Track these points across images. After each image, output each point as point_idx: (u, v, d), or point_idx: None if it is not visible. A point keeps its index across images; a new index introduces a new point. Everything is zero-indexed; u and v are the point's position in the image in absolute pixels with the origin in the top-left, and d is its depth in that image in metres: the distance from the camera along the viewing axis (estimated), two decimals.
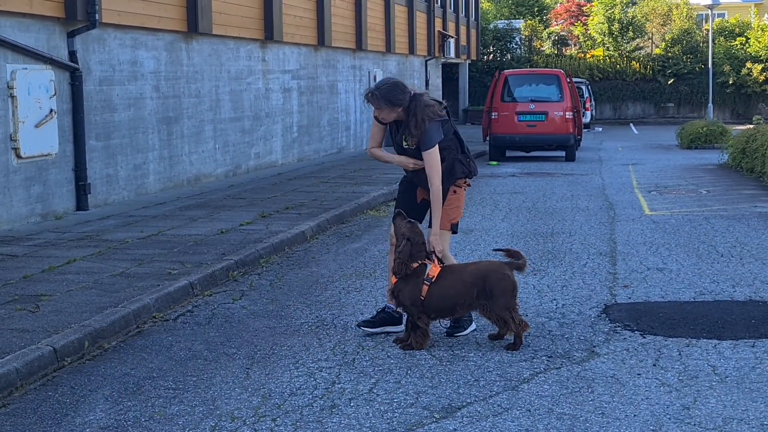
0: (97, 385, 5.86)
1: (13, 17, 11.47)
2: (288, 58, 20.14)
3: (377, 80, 25.74)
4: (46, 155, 12.04)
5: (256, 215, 12.13)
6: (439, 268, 6.63)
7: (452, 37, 36.16)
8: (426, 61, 32.99)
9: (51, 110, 12.07)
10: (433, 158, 6.76)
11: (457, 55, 37.93)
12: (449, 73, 41.21)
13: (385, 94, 6.76)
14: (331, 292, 8.35)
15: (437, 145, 6.77)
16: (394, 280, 6.67)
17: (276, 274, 9.14)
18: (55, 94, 12.15)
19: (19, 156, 11.51)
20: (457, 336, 6.85)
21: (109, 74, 13.53)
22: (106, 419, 5.27)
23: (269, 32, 18.60)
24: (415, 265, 6.57)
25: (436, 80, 35.25)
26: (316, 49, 21.69)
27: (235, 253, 9.46)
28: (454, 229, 7.03)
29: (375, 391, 5.71)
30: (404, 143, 6.90)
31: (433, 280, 6.54)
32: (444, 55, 34.98)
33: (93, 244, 10.08)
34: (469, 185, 7.13)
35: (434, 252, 6.71)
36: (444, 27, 35.53)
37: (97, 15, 12.59)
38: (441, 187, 6.77)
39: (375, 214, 13.19)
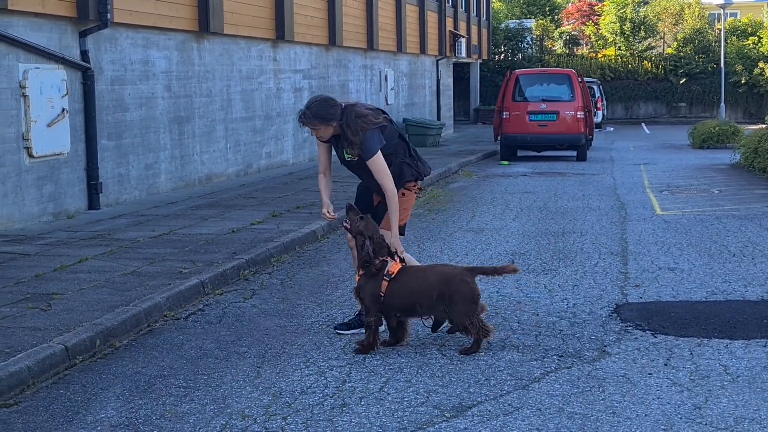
0: (109, 383, 5.88)
1: (26, 17, 11.51)
2: (299, 57, 20.15)
3: (387, 80, 25.86)
4: (58, 154, 12.07)
5: (267, 214, 12.14)
6: (400, 266, 6.62)
7: (463, 36, 36.12)
8: (437, 60, 32.97)
9: (63, 109, 12.10)
10: (378, 165, 6.75)
11: (468, 55, 37.89)
12: (460, 72, 41.18)
13: (316, 112, 6.76)
14: (342, 292, 8.35)
15: (379, 152, 6.74)
16: (357, 278, 6.67)
17: (287, 273, 9.15)
18: (67, 93, 12.19)
19: (31, 155, 11.55)
20: (439, 331, 6.89)
21: (120, 74, 13.57)
22: (117, 417, 5.29)
23: (280, 32, 18.62)
24: (377, 261, 6.56)
25: (447, 80, 35.23)
26: (327, 49, 21.70)
27: (246, 252, 9.47)
28: (401, 231, 6.99)
29: (385, 390, 5.71)
30: (346, 156, 6.87)
31: (393, 276, 6.52)
32: (455, 55, 34.95)
33: (104, 243, 10.10)
34: (420, 188, 7.15)
35: (396, 252, 6.71)
36: (455, 26, 35.50)
37: (108, 15, 12.62)
38: (395, 189, 6.75)
39: None
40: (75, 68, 12.45)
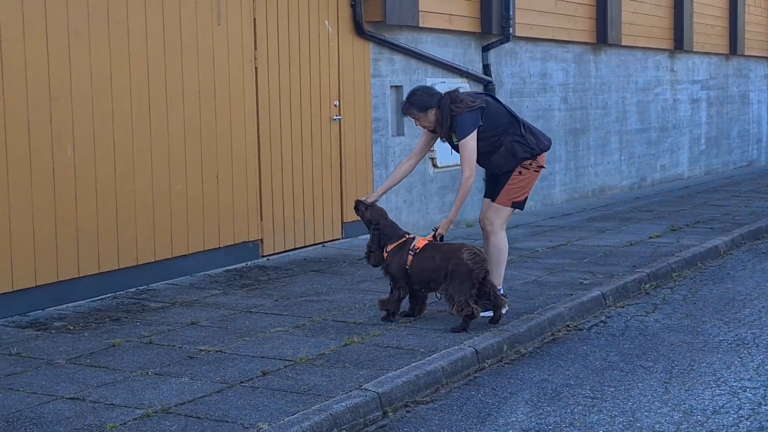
0: (517, 388, 6.00)
1: (434, 33, 12.07)
2: (697, 67, 19.54)
3: None
4: (458, 165, 12.48)
5: (665, 228, 11.86)
6: (425, 242, 7.03)
7: None
8: None
9: None
10: (465, 148, 7.07)
11: None
12: None
13: (413, 101, 7.19)
14: (750, 311, 7.98)
15: (472, 135, 7.01)
16: (385, 255, 7.10)
17: (689, 289, 8.88)
18: None
19: (435, 166, 12.09)
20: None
21: (519, 86, 13.84)
22: (527, 422, 5.38)
23: (678, 42, 18.15)
24: (402, 240, 7.08)
25: None
26: (726, 58, 20.87)
27: (646, 266, 9.30)
28: (518, 206, 7.36)
29: None
30: (454, 141, 7.19)
31: (418, 251, 6.97)
32: None
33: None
34: (542, 166, 7.31)
35: (436, 231, 7.08)
36: None
37: (510, 29, 12.92)
38: (471, 179, 7.05)
39: None
40: (477, 81, 12.87)
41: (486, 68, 13.02)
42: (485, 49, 13.01)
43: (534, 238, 11.34)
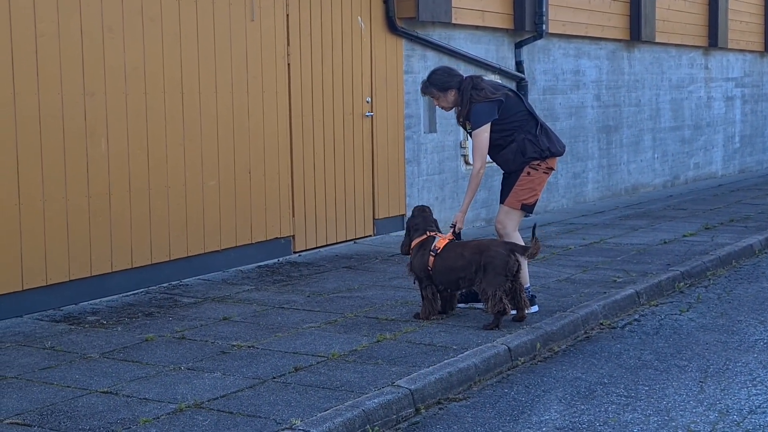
0: (550, 386, 5.96)
1: (467, 30, 12.03)
2: (732, 65, 19.37)
3: None
4: (490, 163, 12.42)
5: (699, 227, 11.75)
6: (446, 241, 6.95)
7: None
8: None
9: None
10: (477, 140, 7.02)
11: None
12: None
13: (434, 81, 7.16)
14: None
15: (485, 127, 6.96)
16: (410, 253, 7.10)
17: (724, 288, 8.80)
18: None
19: (467, 163, 12.05)
20: (476, 308, 7.26)
21: (552, 83, 13.77)
22: (560, 420, 5.34)
23: (713, 39, 18.00)
24: (424, 237, 7.02)
25: None
26: (761, 56, 20.68)
27: (681, 265, 9.22)
28: (526, 210, 7.23)
29: None
30: (467, 128, 7.15)
31: (438, 251, 6.88)
32: None
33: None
34: (552, 168, 7.20)
35: (454, 227, 7.10)
36: None
37: (544, 26, 12.86)
38: (481, 171, 7.06)
39: None
40: (510, 78, 12.80)
41: (519, 65, 12.96)
42: (518, 46, 12.95)
43: (567, 235, 11.28)
